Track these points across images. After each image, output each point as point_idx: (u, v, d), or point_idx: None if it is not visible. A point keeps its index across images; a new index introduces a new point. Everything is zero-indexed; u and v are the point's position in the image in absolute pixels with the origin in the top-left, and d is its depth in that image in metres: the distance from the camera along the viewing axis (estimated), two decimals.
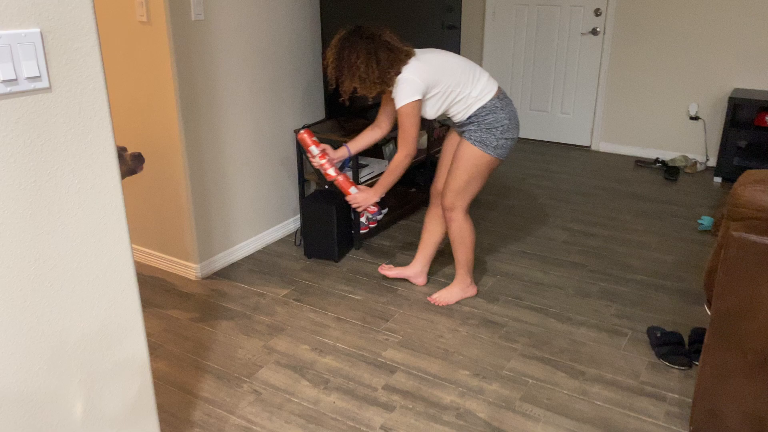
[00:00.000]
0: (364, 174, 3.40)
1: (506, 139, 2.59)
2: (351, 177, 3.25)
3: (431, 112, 2.57)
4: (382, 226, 3.62)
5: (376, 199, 2.68)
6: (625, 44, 4.83)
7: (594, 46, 4.98)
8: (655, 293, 2.96)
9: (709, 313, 1.99)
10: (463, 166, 2.61)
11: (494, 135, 2.56)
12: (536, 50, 5.23)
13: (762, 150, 4.38)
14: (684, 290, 2.98)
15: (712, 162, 4.70)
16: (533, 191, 4.29)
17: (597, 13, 4.88)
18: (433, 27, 4.07)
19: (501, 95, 2.59)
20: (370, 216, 2.78)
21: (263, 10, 3.09)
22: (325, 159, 2.71)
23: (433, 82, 2.47)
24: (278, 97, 3.31)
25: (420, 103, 2.48)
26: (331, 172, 2.74)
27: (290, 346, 2.56)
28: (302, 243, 3.39)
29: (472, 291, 2.94)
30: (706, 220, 3.71)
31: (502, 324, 2.71)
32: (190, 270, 3.09)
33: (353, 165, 3.25)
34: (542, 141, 5.46)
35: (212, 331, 2.67)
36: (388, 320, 2.74)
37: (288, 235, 3.57)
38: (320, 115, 3.52)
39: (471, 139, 2.58)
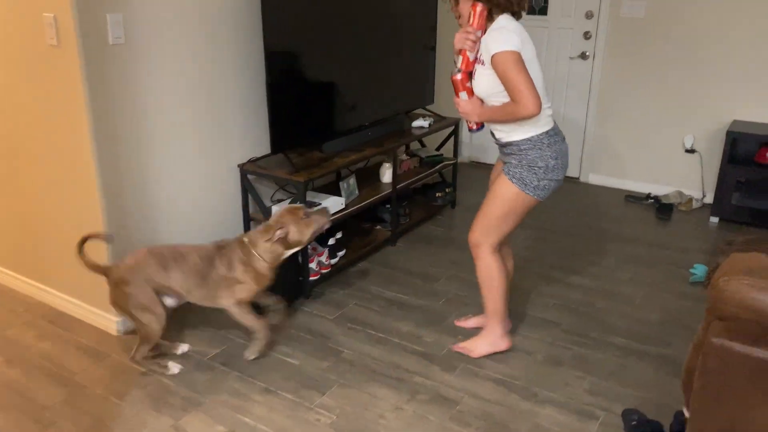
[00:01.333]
0: None
1: (549, 180, 2.29)
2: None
3: (483, 86, 2.23)
4: (338, 270, 3.26)
5: (476, 119, 2.34)
6: (616, 70, 4.48)
7: (583, 71, 4.63)
8: (636, 362, 2.58)
9: (687, 415, 1.62)
10: (498, 203, 2.36)
11: (536, 174, 2.27)
12: None
13: (762, 189, 4.01)
14: (669, 359, 2.60)
15: (709, 199, 4.33)
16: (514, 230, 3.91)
17: (586, 36, 4.54)
18: (413, 48, 3.73)
19: (552, 132, 2.29)
20: (471, 129, 2.41)
21: (198, 34, 2.75)
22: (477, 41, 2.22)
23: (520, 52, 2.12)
24: (218, 130, 2.97)
25: (520, 57, 2.10)
26: (471, 56, 2.25)
27: (203, 427, 2.19)
28: None
29: (503, 345, 2.58)
30: (699, 270, 3.33)
31: (456, 401, 2.34)
32: (111, 323, 2.74)
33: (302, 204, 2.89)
34: None
35: (119, 403, 2.31)
36: (324, 393, 2.37)
37: None
38: (265, 148, 3.18)
39: (510, 174, 2.31)
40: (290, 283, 2.94)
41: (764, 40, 3.94)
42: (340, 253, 3.30)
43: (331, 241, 3.22)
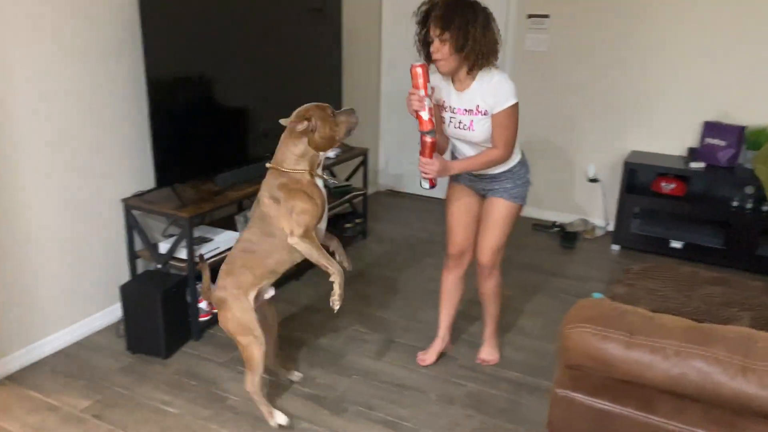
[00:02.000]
0: (207, 250, 2.91)
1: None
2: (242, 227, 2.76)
3: (484, 135, 2.36)
4: None
5: (446, 175, 2.42)
6: (521, 101, 4.55)
7: None
8: (528, 397, 2.56)
9: None
10: (504, 224, 2.54)
11: (527, 186, 2.54)
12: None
13: (659, 217, 4.15)
14: None
15: (612, 227, 4.44)
16: (422, 260, 3.89)
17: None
18: (317, 74, 3.68)
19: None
20: (425, 186, 2.44)
21: (77, 61, 2.61)
22: (428, 98, 2.28)
23: None
24: (101, 163, 2.81)
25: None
26: (425, 116, 2.29)
27: None
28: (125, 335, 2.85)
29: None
30: (597, 298, 3.38)
31: None
32: None
33: (188, 242, 2.76)
34: (442, 200, 5.11)
35: None
36: None
37: (114, 323, 3.02)
38: (149, 182, 3.03)
39: (509, 195, 2.49)
40: (176, 324, 2.79)
41: (657, 74, 4.11)
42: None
43: None
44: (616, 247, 4.17)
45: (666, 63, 4.07)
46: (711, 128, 3.92)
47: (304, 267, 3.66)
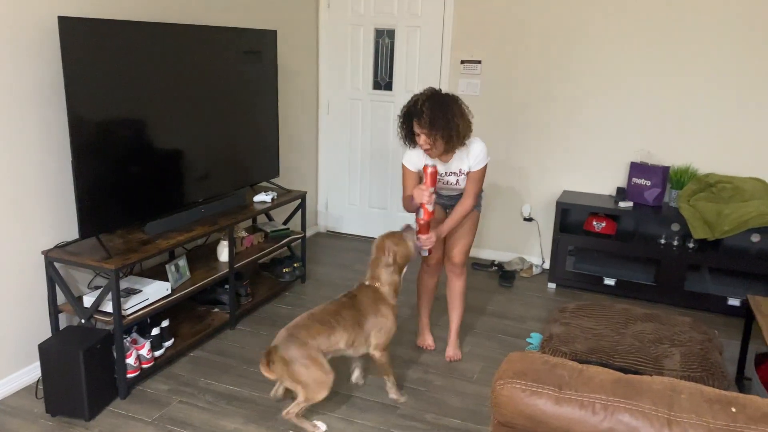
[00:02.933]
0: (136, 302, 2.78)
1: None
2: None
3: (463, 186, 2.97)
4: (165, 362, 2.98)
5: (441, 238, 3.03)
6: None
7: None
8: None
9: None
10: (473, 230, 3.10)
11: (481, 197, 3.14)
12: (372, 145, 4.95)
13: (592, 255, 4.26)
14: None
15: (548, 265, 4.53)
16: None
17: None
18: (253, 119, 3.63)
19: None
20: (425, 254, 2.99)
21: None
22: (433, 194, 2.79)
23: None
24: (18, 212, 2.66)
25: None
26: (430, 208, 2.80)
27: None
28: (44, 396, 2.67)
29: None
30: (535, 339, 3.41)
31: None
32: None
33: (115, 295, 2.63)
34: (371, 238, 5.10)
35: None
36: None
37: (32, 384, 2.83)
38: (73, 233, 2.90)
39: (477, 207, 3.07)
40: (101, 382, 2.63)
41: (586, 117, 4.27)
42: (167, 344, 3.04)
43: (155, 331, 2.96)
44: (552, 285, 4.24)
45: (594, 106, 4.24)
46: (637, 169, 4.08)
47: (240, 315, 3.55)
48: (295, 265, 4.10)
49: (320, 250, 4.78)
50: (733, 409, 1.16)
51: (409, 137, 2.81)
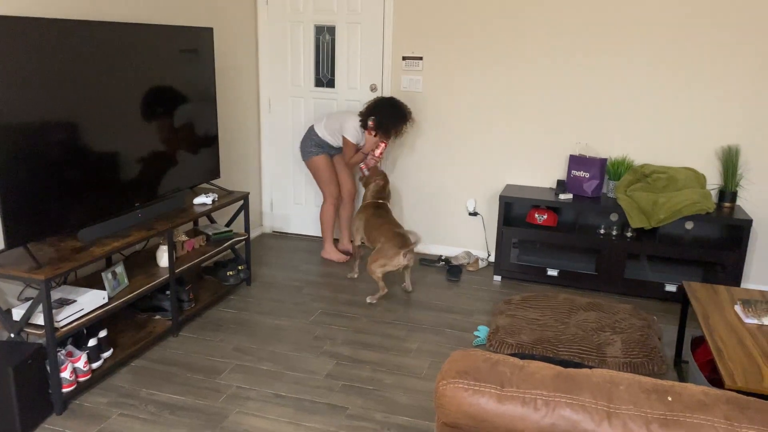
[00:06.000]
0: (70, 313, 2.66)
1: None
2: None
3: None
4: (103, 374, 2.86)
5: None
6: (402, 139, 4.65)
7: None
8: None
9: None
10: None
11: None
12: None
13: (536, 247, 4.34)
14: None
15: (493, 258, 4.59)
16: (308, 305, 3.80)
17: None
18: (190, 118, 3.52)
19: None
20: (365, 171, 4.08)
21: None
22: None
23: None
24: None
25: None
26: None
27: None
28: None
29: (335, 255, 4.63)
30: (482, 332, 3.45)
31: None
32: None
33: (46, 307, 2.50)
34: (320, 237, 5.06)
35: None
36: None
37: None
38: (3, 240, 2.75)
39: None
40: (33, 398, 2.51)
41: (525, 111, 4.34)
42: (105, 355, 2.93)
43: (92, 342, 2.84)
44: (497, 278, 4.29)
45: (534, 101, 4.31)
46: (576, 161, 4.17)
47: (183, 321, 3.46)
48: (240, 267, 4.01)
49: (266, 252, 4.70)
50: (670, 398, 1.19)
51: (387, 131, 4.16)
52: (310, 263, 4.51)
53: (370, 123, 4.15)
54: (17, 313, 2.62)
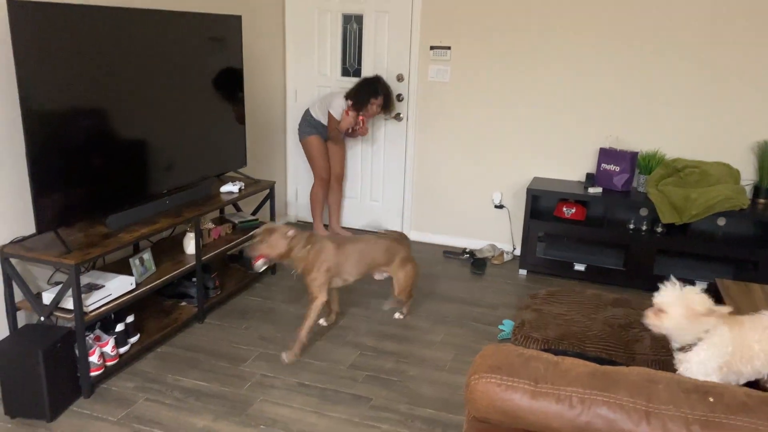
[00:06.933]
0: (98, 298, 2.68)
1: None
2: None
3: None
4: (130, 359, 2.89)
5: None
6: (428, 130, 4.61)
7: (399, 131, 4.72)
8: None
9: None
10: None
11: None
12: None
13: (563, 241, 4.28)
14: None
15: (519, 252, 4.54)
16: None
17: (399, 98, 4.64)
18: (218, 107, 3.53)
19: None
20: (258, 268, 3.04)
21: None
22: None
23: None
24: None
25: None
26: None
27: None
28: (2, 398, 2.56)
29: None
30: (507, 326, 3.41)
31: None
32: None
33: (75, 291, 2.53)
34: (352, 228, 5.05)
35: None
36: None
37: None
38: (30, 227, 2.78)
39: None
40: (62, 381, 2.54)
41: (555, 103, 4.26)
42: (132, 340, 2.95)
43: (120, 327, 2.86)
44: (523, 272, 4.25)
45: (564, 92, 4.23)
46: (606, 154, 4.10)
47: (208, 308, 3.47)
48: None
49: None
50: (711, 399, 1.15)
51: (363, 104, 4.26)
52: None
53: (348, 101, 4.28)
54: (47, 297, 2.65)
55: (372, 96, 4.25)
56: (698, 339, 1.79)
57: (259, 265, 2.92)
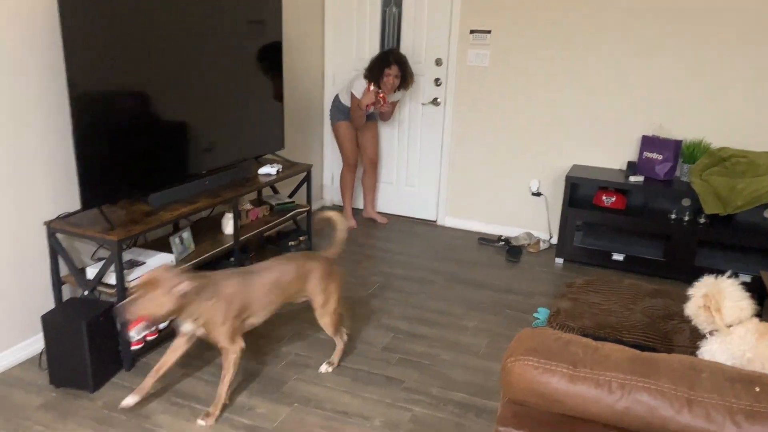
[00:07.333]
0: (139, 274, 2.75)
1: None
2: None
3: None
4: (168, 335, 2.96)
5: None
6: (466, 115, 4.57)
7: (436, 116, 4.69)
8: (475, 419, 2.51)
9: None
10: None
11: None
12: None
13: (601, 230, 4.20)
14: None
15: (555, 240, 4.48)
16: (366, 278, 3.81)
17: (437, 83, 4.61)
18: (258, 89, 3.56)
19: None
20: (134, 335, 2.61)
21: None
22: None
23: None
24: (19, 183, 2.61)
25: None
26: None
27: None
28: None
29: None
30: (542, 314, 3.37)
31: None
32: None
33: (117, 267, 2.60)
34: (387, 214, 5.06)
35: None
36: None
37: (36, 356, 2.82)
38: (74, 204, 2.86)
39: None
40: (104, 354, 2.62)
41: (597, 89, 4.17)
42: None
43: None
44: (559, 261, 4.19)
45: (606, 78, 4.14)
46: (648, 142, 4.00)
47: None
48: (301, 238, 4.06)
49: (325, 224, 4.73)
50: (757, 389, 1.12)
51: (378, 77, 4.22)
52: (368, 237, 4.52)
53: (366, 79, 4.28)
54: (91, 272, 2.73)
55: (384, 66, 4.19)
56: (715, 330, 1.76)
57: (136, 331, 2.32)
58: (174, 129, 3.06)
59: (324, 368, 2.80)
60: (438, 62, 4.56)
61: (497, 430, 1.21)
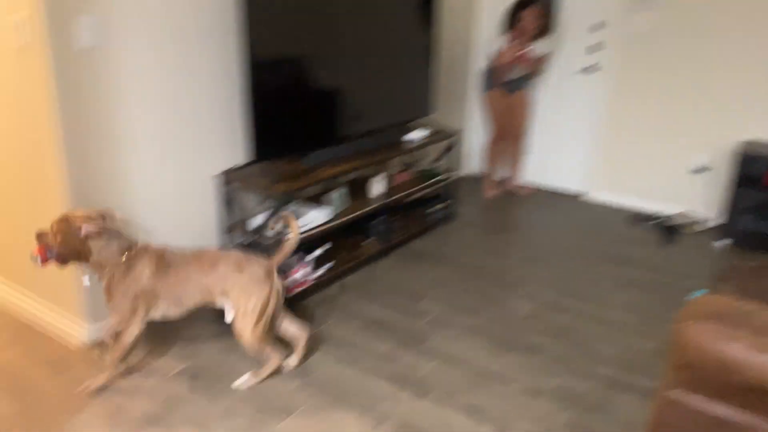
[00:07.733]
0: (301, 224, 2.94)
1: None
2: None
3: None
4: (321, 284, 3.15)
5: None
6: (625, 84, 4.32)
7: (590, 85, 4.48)
8: (622, 395, 2.43)
9: None
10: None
11: None
12: None
13: None
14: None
15: (717, 221, 4.14)
16: (506, 249, 3.78)
17: (596, 48, 4.39)
18: (411, 55, 3.63)
19: None
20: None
21: (173, 39, 2.67)
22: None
23: None
24: (194, 138, 2.87)
25: None
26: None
27: None
28: None
29: None
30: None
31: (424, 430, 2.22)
32: (74, 329, 2.66)
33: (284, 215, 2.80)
34: (530, 187, 4.95)
35: (73, 418, 2.23)
36: (285, 418, 2.27)
37: None
38: (242, 158, 3.09)
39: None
40: None
41: None
42: (327, 266, 3.20)
43: (318, 252, 3.13)
44: (720, 243, 3.88)
45: None
46: None
47: (389, 248, 3.64)
48: (444, 204, 4.11)
49: (469, 192, 4.74)
50: None
51: (515, 24, 4.09)
52: (511, 208, 4.46)
53: (503, 35, 4.21)
54: (255, 223, 2.96)
55: (520, 9, 4.04)
56: None
57: (35, 258, 2.15)
58: (331, 93, 3.21)
59: (240, 381, 2.41)
60: (597, 26, 4.34)
61: (663, 395, 1.17)
